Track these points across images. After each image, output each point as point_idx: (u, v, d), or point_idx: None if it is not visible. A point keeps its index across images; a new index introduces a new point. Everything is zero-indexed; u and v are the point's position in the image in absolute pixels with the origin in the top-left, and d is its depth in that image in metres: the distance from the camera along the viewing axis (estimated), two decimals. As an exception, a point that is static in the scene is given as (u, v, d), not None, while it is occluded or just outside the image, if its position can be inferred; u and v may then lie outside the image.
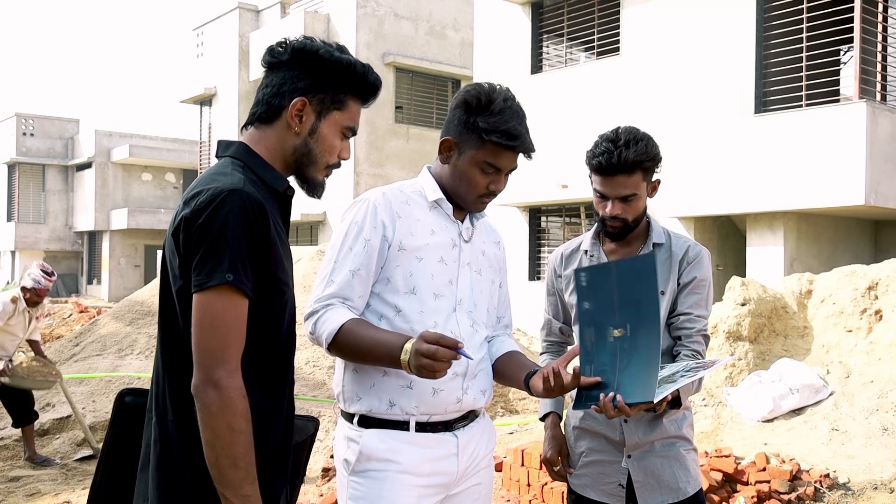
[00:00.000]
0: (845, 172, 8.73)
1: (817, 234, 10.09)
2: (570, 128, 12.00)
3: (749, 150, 9.49)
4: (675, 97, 10.41)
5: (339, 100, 1.69)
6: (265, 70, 1.70)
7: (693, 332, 2.25)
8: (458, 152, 1.94)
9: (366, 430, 1.89)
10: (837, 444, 5.20)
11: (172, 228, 1.54)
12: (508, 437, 6.24)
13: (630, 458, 2.27)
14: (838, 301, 6.59)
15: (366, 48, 17.48)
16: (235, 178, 1.54)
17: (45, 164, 30.66)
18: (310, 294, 1.95)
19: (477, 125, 1.89)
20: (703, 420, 5.89)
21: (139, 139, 29.60)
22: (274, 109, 1.66)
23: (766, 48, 9.67)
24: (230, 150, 1.67)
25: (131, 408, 1.71)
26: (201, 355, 1.48)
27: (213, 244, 1.47)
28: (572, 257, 2.43)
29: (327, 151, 1.70)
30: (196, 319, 1.49)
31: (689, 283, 2.28)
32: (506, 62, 13.13)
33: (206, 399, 1.46)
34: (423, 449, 1.88)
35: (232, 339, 1.49)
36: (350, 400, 1.92)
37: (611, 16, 11.80)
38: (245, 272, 1.50)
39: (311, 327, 1.89)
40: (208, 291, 1.47)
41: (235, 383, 1.48)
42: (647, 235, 2.35)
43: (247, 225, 1.49)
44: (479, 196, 1.97)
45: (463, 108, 1.92)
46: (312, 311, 1.90)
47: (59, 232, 31.01)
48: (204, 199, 1.50)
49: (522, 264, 12.96)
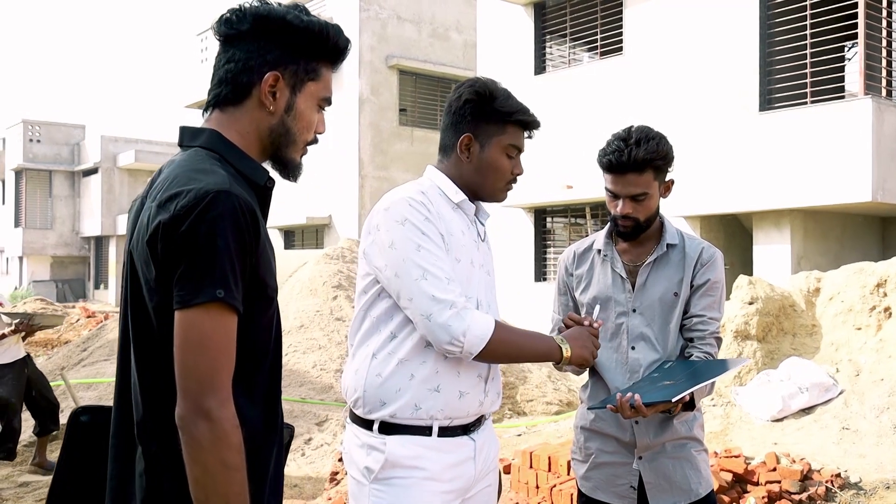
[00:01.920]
0: (851, 169, 8.69)
1: (824, 231, 10.04)
2: (575, 128, 11.98)
3: (754, 148, 9.46)
4: (680, 96, 10.38)
5: (312, 69, 1.51)
6: (221, 43, 1.49)
7: (706, 335, 2.25)
8: (479, 145, 1.96)
9: (388, 437, 1.85)
10: (848, 443, 5.17)
11: (147, 235, 1.33)
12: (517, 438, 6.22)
13: (641, 460, 2.26)
14: (847, 299, 6.56)
15: (369, 51, 17.49)
16: (219, 177, 1.35)
17: (52, 170, 30.79)
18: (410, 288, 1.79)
19: (497, 111, 1.94)
20: (712, 420, 5.86)
21: (145, 144, 29.70)
22: (242, 88, 1.46)
23: (770, 45, 9.64)
24: (200, 140, 1.46)
25: (87, 428, 1.54)
26: (188, 381, 1.29)
27: (200, 255, 1.29)
28: (585, 256, 2.42)
29: (305, 128, 1.54)
30: (181, 341, 1.30)
31: (703, 284, 2.27)
32: (509, 63, 13.12)
33: (196, 432, 1.28)
34: (444, 454, 1.87)
35: (223, 363, 1.31)
36: (372, 406, 1.87)
37: (613, 15, 11.78)
38: (236, 285, 1.32)
39: (455, 324, 1.76)
40: (195, 309, 1.29)
41: (228, 413, 1.30)
42: (660, 236, 2.34)
43: (237, 231, 1.32)
44: (507, 183, 2.01)
45: (476, 102, 1.95)
46: (453, 304, 1.77)
47: (66, 237, 31.12)
48: (186, 203, 1.30)
49: (528, 266, 12.94)
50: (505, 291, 13.08)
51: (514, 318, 11.57)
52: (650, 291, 2.28)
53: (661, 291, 2.27)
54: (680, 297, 2.27)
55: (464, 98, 1.95)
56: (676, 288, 2.27)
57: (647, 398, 1.98)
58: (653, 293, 2.28)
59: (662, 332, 2.27)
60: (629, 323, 2.29)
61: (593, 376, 2.40)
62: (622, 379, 2.28)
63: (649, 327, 2.28)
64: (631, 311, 2.30)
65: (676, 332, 2.28)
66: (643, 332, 2.28)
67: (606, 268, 2.34)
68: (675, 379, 2.07)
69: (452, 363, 1.86)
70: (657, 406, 2.00)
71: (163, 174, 1.42)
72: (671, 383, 2.04)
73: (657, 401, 1.97)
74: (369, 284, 1.91)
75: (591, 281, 2.37)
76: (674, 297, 2.27)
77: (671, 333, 2.27)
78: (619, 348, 2.31)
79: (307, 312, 8.57)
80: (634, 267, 2.32)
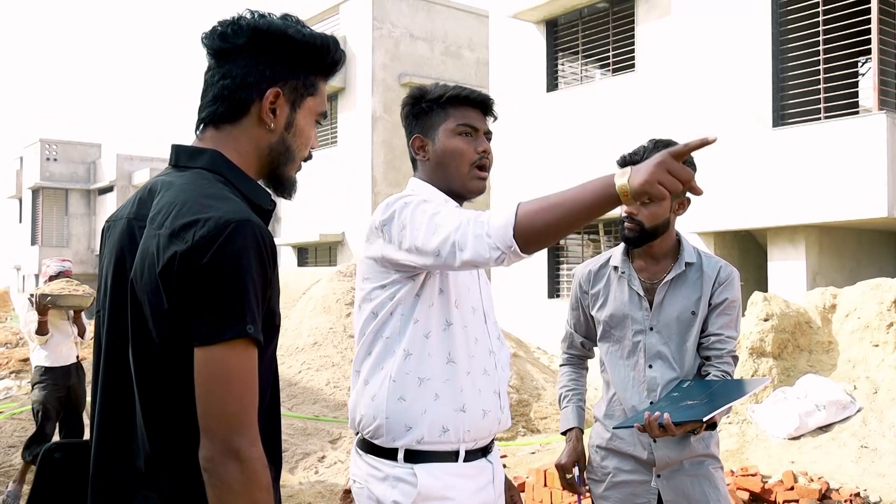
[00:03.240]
0: (867, 184, 8.64)
1: (840, 247, 9.97)
2: (587, 145, 11.99)
3: (768, 164, 9.42)
4: (692, 112, 10.37)
5: (311, 84, 1.45)
6: (213, 58, 1.42)
7: (724, 353, 2.25)
8: (430, 141, 1.94)
9: (417, 467, 1.75)
10: (867, 462, 5.10)
11: (159, 266, 1.25)
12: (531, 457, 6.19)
13: (660, 478, 2.25)
14: (863, 315, 6.49)
15: (382, 69, 17.61)
16: (237, 205, 1.29)
17: (68, 188, 31.08)
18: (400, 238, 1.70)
19: (431, 101, 1.94)
20: (727, 438, 5.80)
21: (159, 163, 29.94)
22: (240, 105, 1.39)
23: (783, 61, 9.63)
24: (202, 161, 1.38)
25: (61, 466, 1.43)
26: (216, 422, 1.22)
27: (226, 288, 1.22)
28: (601, 273, 2.41)
29: (304, 144, 1.48)
30: (204, 378, 1.23)
31: (721, 304, 2.27)
32: (521, 80, 13.17)
33: (226, 474, 1.21)
34: (470, 480, 1.82)
35: (251, 401, 1.25)
36: (396, 433, 1.76)
37: (625, 32, 11.82)
38: (260, 319, 1.27)
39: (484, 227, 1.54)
40: (221, 346, 1.22)
41: (258, 453, 1.24)
42: (677, 254, 2.33)
43: (261, 264, 1.26)
44: (472, 164, 1.91)
45: (411, 104, 1.97)
46: (472, 220, 1.57)
47: (82, 255, 31.34)
48: (206, 233, 1.23)
49: (542, 282, 12.91)
50: (518, 308, 13.06)
51: (527, 334, 11.53)
52: (668, 310, 2.28)
53: (680, 310, 2.27)
54: (698, 315, 2.26)
55: (403, 107, 1.99)
56: (694, 307, 2.27)
57: (677, 417, 1.98)
58: (671, 311, 2.28)
59: (680, 351, 2.27)
60: (647, 341, 2.29)
61: (607, 394, 2.39)
62: (639, 398, 2.28)
63: (666, 346, 2.27)
64: (648, 330, 2.29)
65: (694, 351, 2.27)
66: (661, 351, 2.27)
67: (623, 285, 2.34)
68: (697, 398, 2.07)
69: (473, 379, 1.81)
70: (686, 426, 2.00)
71: (162, 197, 1.32)
72: (695, 403, 2.04)
73: (687, 420, 1.97)
74: (379, 305, 1.81)
75: (608, 298, 2.36)
76: (691, 316, 2.27)
77: (688, 352, 2.27)
78: (636, 366, 2.30)
79: (321, 330, 8.58)
80: (651, 285, 2.32)
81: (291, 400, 7.57)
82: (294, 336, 8.77)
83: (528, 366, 8.92)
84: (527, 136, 12.57)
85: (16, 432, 7.20)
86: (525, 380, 8.36)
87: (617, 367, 2.34)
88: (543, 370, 9.06)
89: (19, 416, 7.58)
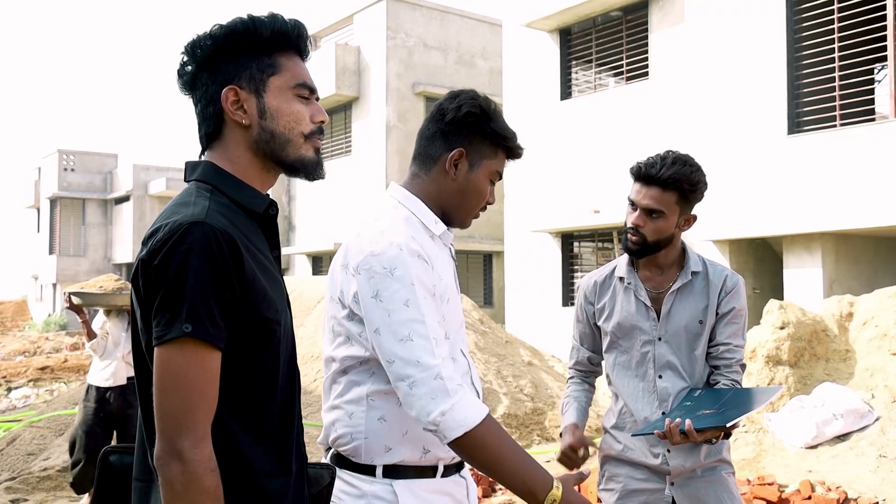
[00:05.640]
0: (883, 191, 8.58)
1: (856, 255, 9.90)
2: (601, 153, 11.98)
3: (783, 172, 9.38)
4: (707, 120, 10.35)
5: (267, 65, 1.43)
6: (187, 93, 1.47)
7: (733, 362, 2.25)
8: (468, 164, 1.78)
9: (396, 483, 1.68)
10: (886, 471, 5.05)
11: (133, 273, 1.33)
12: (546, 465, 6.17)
13: (673, 486, 2.25)
14: (881, 323, 6.44)
15: (396, 78, 17.69)
16: (197, 209, 1.31)
17: (86, 198, 31.38)
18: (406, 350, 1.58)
19: (494, 132, 1.79)
20: (744, 447, 5.77)
21: (175, 172, 30.17)
22: (214, 119, 1.43)
23: (798, 68, 9.59)
24: (196, 174, 1.43)
25: (117, 469, 1.48)
26: (163, 421, 1.26)
27: (171, 289, 1.25)
28: (606, 284, 2.41)
29: (293, 121, 1.44)
30: (156, 378, 1.27)
31: (728, 313, 2.27)
32: (535, 89, 13.19)
33: (169, 473, 1.24)
34: (447, 497, 1.76)
35: (198, 402, 1.26)
36: (374, 452, 1.69)
37: (639, 40, 11.82)
38: (211, 320, 1.26)
39: (438, 399, 1.55)
40: (168, 345, 1.25)
41: (202, 455, 1.25)
42: (682, 263, 2.33)
43: (211, 263, 1.27)
44: (480, 210, 1.86)
45: (477, 116, 1.78)
46: (442, 377, 1.55)
47: (99, 264, 31.60)
48: (160, 237, 1.28)
49: (556, 290, 12.89)
50: (532, 316, 13.04)
51: (541, 342, 11.51)
52: (675, 319, 2.28)
53: (687, 319, 2.27)
54: (705, 324, 2.26)
55: (465, 109, 1.77)
56: (702, 316, 2.27)
57: (699, 424, 1.99)
58: (678, 321, 2.27)
59: (689, 360, 2.27)
60: (655, 351, 2.28)
61: (616, 405, 2.39)
62: (650, 409, 2.27)
63: (675, 355, 2.27)
64: (657, 340, 2.29)
65: (703, 360, 2.28)
66: (670, 361, 2.27)
67: (630, 296, 2.33)
68: (711, 408, 2.07)
69: None
70: (706, 432, 2.00)
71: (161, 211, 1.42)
72: (710, 412, 2.04)
73: (709, 426, 1.98)
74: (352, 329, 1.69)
75: (614, 309, 2.36)
76: (699, 325, 2.27)
77: (698, 361, 2.27)
78: (645, 377, 2.30)
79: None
80: (658, 294, 2.31)
81: (307, 408, 7.59)
82: (310, 344, 8.79)
83: (543, 374, 8.90)
84: (540, 144, 12.58)
85: (34, 440, 7.26)
86: (539, 388, 8.35)
87: (625, 379, 2.33)
88: (558, 378, 9.04)
89: (37, 425, 7.64)
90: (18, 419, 8.92)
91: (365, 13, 18.22)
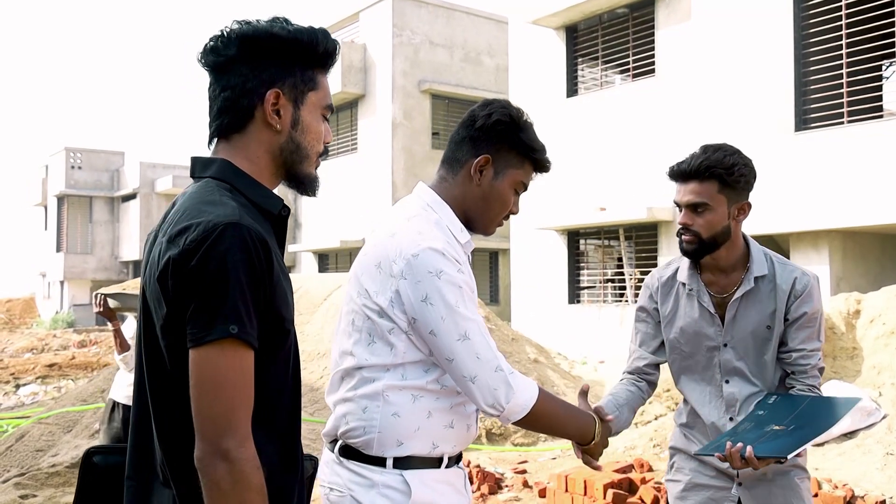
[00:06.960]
0: (891, 189, 8.55)
1: (864, 252, 9.87)
2: (607, 150, 11.97)
3: (790, 169, 9.36)
4: (713, 117, 10.32)
5: (309, 78, 1.46)
6: (211, 73, 1.45)
7: (808, 368, 2.15)
8: (493, 171, 1.82)
9: (406, 473, 1.72)
10: (893, 469, 5.04)
11: (157, 272, 1.30)
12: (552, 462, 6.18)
13: (741, 486, 2.20)
14: (888, 321, 6.42)
15: (402, 76, 17.69)
16: (228, 209, 1.31)
17: (93, 195, 31.50)
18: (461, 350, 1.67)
19: (523, 142, 1.83)
20: (750, 444, 5.75)
21: (182, 170, 30.25)
22: (244, 112, 1.42)
23: (805, 65, 9.56)
24: (211, 170, 1.42)
25: (101, 469, 1.48)
26: (205, 422, 1.26)
27: (211, 290, 1.25)
28: (669, 286, 2.31)
29: (315, 140, 1.48)
30: (195, 380, 1.26)
31: (799, 318, 2.15)
32: (541, 86, 13.17)
33: (215, 474, 1.24)
34: (450, 486, 1.82)
35: (240, 402, 1.27)
36: (386, 446, 1.72)
37: (646, 37, 11.79)
38: (249, 320, 1.28)
39: (501, 389, 1.68)
40: (208, 346, 1.25)
41: (248, 453, 1.26)
42: (746, 265, 2.21)
43: (248, 264, 1.28)
44: (504, 219, 1.90)
45: (507, 125, 1.81)
46: (502, 368, 1.69)
47: (106, 262, 31.72)
48: (195, 237, 1.27)
49: (562, 287, 12.88)
50: (539, 313, 13.04)
51: (547, 339, 11.51)
52: (741, 325, 2.18)
53: (754, 325, 2.17)
54: (774, 329, 2.16)
55: (495, 117, 1.81)
56: (769, 321, 2.16)
57: (760, 451, 1.90)
58: (744, 327, 2.18)
59: (758, 365, 2.18)
60: (721, 357, 2.21)
61: (686, 405, 2.32)
62: (718, 413, 2.21)
63: (742, 361, 2.19)
64: (722, 346, 2.20)
65: (773, 364, 2.19)
66: (736, 367, 2.19)
67: (693, 301, 2.24)
68: (783, 423, 1.97)
69: (461, 395, 1.78)
70: (769, 460, 1.92)
71: (175, 207, 1.39)
72: (780, 429, 1.95)
73: (769, 455, 1.89)
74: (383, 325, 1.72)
75: (677, 314, 2.27)
76: (767, 331, 2.17)
77: (767, 366, 2.18)
78: (711, 381, 2.23)
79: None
80: (722, 300, 2.21)
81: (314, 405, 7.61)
82: (316, 342, 8.81)
83: (549, 371, 8.90)
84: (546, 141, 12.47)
85: (43, 436, 7.31)
86: (546, 385, 8.35)
87: (691, 383, 2.27)
88: (564, 376, 9.04)
89: (46, 421, 7.69)
90: (27, 416, 8.98)
91: (371, 10, 18.23)
